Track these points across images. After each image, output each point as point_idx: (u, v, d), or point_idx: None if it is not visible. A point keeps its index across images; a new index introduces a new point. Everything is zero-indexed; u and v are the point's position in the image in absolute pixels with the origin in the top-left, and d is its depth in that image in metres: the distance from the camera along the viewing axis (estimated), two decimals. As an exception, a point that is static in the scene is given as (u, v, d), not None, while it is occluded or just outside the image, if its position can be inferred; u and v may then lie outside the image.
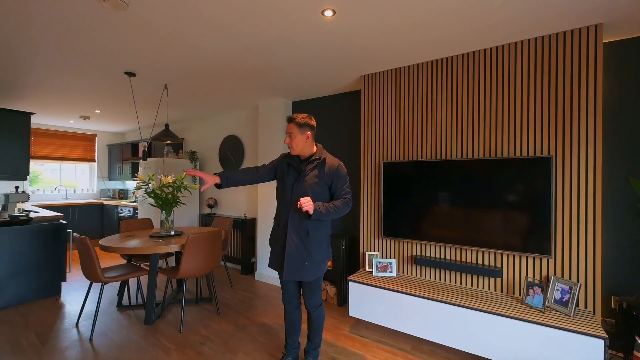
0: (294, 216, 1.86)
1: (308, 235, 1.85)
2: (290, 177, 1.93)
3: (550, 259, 2.10)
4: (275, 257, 1.96)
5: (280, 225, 1.94)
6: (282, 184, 1.97)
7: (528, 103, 2.21)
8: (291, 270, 1.86)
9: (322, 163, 1.90)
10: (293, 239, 1.86)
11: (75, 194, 6.25)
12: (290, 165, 1.96)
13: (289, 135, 1.89)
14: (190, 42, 2.30)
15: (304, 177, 1.88)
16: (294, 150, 1.91)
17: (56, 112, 4.71)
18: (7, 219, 3.19)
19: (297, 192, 1.86)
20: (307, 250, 1.86)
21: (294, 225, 1.86)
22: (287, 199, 1.90)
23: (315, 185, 1.86)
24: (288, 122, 1.90)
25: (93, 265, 2.50)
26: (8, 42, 2.30)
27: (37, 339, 2.48)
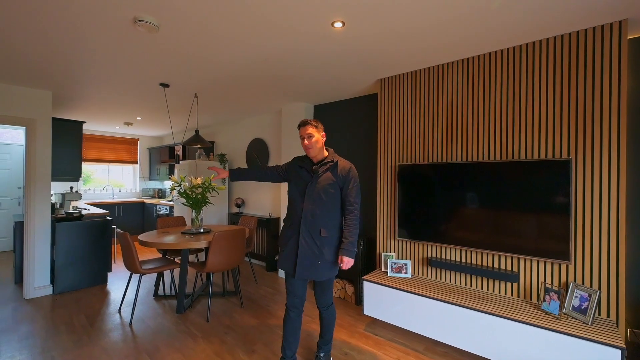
0: (307, 216, 1.89)
1: (321, 236, 1.88)
2: (303, 179, 1.96)
3: (570, 264, 2.03)
4: (287, 257, 1.95)
5: (292, 226, 1.96)
6: (294, 186, 2.00)
7: (547, 104, 2.15)
8: (303, 269, 1.88)
9: (335, 166, 1.94)
10: (306, 238, 1.88)
11: (121, 193, 6.87)
12: (303, 168, 2.00)
13: (307, 137, 1.92)
14: (214, 56, 2.51)
15: (317, 179, 1.92)
16: (313, 151, 1.94)
17: (104, 120, 5.24)
18: (64, 215, 3.65)
19: (310, 194, 1.90)
20: (320, 250, 1.89)
21: (306, 226, 1.88)
22: (300, 200, 1.93)
23: (329, 187, 1.89)
24: (303, 126, 1.94)
25: (132, 258, 2.81)
26: (66, 62, 2.66)
27: (86, 320, 2.83)
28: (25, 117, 3.34)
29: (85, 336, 2.55)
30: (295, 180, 2.01)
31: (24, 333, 2.60)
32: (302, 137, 1.94)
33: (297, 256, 1.90)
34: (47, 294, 3.45)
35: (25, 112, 3.35)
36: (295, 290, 1.96)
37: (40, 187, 3.42)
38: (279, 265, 2.00)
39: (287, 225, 2.01)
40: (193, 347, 2.39)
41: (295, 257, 1.91)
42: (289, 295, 1.97)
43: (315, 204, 1.89)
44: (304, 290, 1.98)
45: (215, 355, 2.29)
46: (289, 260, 1.94)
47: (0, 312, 2.99)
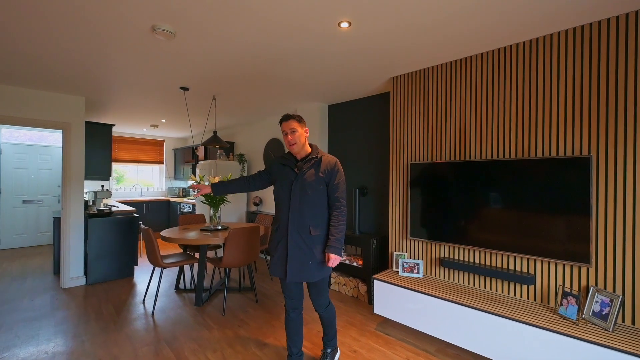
0: (294, 216, 1.83)
1: (310, 234, 1.83)
2: (288, 178, 1.89)
3: (590, 267, 1.93)
4: (277, 262, 1.88)
5: (280, 228, 1.89)
6: (279, 185, 1.93)
7: (565, 98, 2.05)
8: (295, 271, 1.82)
9: (319, 161, 1.88)
10: (295, 239, 1.82)
11: (148, 191, 7.26)
12: (286, 166, 1.93)
13: (290, 132, 1.85)
14: (228, 59, 2.61)
15: (303, 175, 1.85)
16: (297, 147, 1.87)
17: (132, 123, 5.57)
18: (95, 212, 3.92)
19: (297, 192, 1.84)
20: (310, 249, 1.83)
21: (294, 225, 1.82)
22: (287, 199, 1.87)
23: (315, 183, 1.84)
24: (286, 120, 1.87)
25: (154, 252, 2.98)
26: (96, 70, 2.87)
27: (113, 309, 3.04)
28: (62, 120, 3.63)
29: (112, 324, 2.74)
30: (279, 179, 1.94)
31: (59, 319, 2.84)
32: (285, 133, 1.87)
33: (287, 261, 1.83)
34: (80, 284, 3.73)
35: (62, 117, 3.64)
36: (291, 292, 1.93)
37: (75, 185, 3.70)
38: (270, 272, 1.93)
39: (274, 229, 1.94)
40: (208, 338, 2.51)
41: (286, 260, 1.84)
42: (287, 298, 1.95)
43: (302, 202, 1.83)
44: (300, 290, 1.96)
45: (228, 347, 2.38)
46: (280, 265, 1.87)
47: (40, 300, 3.27)
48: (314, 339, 2.50)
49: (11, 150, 5.46)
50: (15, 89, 3.37)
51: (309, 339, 2.51)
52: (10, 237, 5.45)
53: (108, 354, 2.27)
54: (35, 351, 2.31)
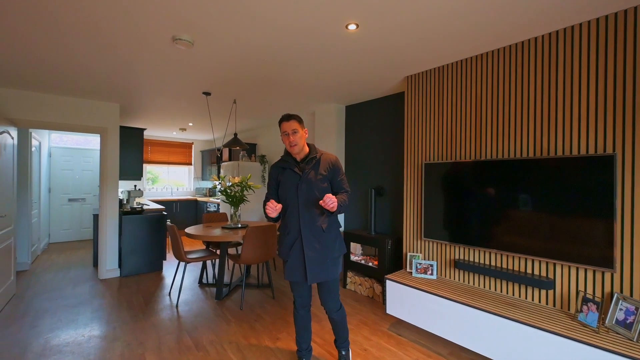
0: (306, 217, 1.81)
1: (324, 232, 1.82)
2: (291, 180, 1.86)
3: (615, 273, 1.81)
4: (294, 267, 1.85)
5: (291, 233, 1.86)
6: (284, 189, 1.89)
7: (588, 93, 1.94)
8: (315, 273, 1.81)
9: (319, 160, 1.88)
10: (309, 240, 1.81)
11: (178, 191, 7.68)
12: (287, 169, 1.90)
13: (292, 132, 1.81)
14: (244, 63, 2.73)
15: (306, 176, 1.83)
16: (298, 147, 1.84)
17: (162, 126, 5.93)
18: (129, 210, 4.24)
19: (302, 193, 1.82)
20: (326, 247, 1.83)
21: (307, 227, 1.81)
22: (294, 202, 1.83)
23: (319, 182, 1.83)
24: (287, 120, 1.83)
25: (178, 248, 3.18)
26: (128, 78, 3.12)
27: (142, 300, 3.28)
28: (100, 125, 3.97)
29: (141, 313, 2.97)
30: (283, 183, 1.90)
31: (95, 306, 3.11)
32: (286, 133, 1.83)
33: (305, 263, 1.81)
34: (115, 276, 4.05)
35: (100, 122, 3.98)
36: (302, 292, 1.96)
37: (111, 185, 4.03)
38: (286, 277, 1.88)
39: (284, 233, 1.90)
40: (226, 330, 2.64)
41: (304, 264, 1.82)
42: (297, 297, 1.97)
43: (310, 202, 1.82)
44: (310, 289, 1.99)
45: (243, 339, 2.50)
46: (298, 270, 1.84)
47: (81, 288, 3.60)
48: (326, 336, 2.55)
49: (59, 153, 6.03)
50: (62, 98, 3.74)
51: (321, 336, 2.56)
52: (58, 232, 6.02)
53: (135, 340, 2.47)
54: (73, 334, 2.56)
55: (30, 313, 2.94)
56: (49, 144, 5.90)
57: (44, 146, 5.57)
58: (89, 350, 2.32)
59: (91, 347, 2.36)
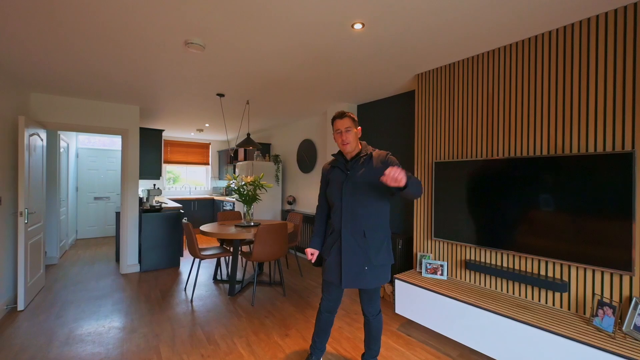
0: (348, 219, 1.72)
1: (364, 237, 1.70)
2: (337, 179, 1.80)
3: (633, 276, 1.72)
4: (331, 267, 1.78)
5: (334, 232, 1.80)
6: (330, 188, 1.85)
7: (605, 88, 1.85)
8: (350, 278, 1.71)
9: (370, 157, 1.77)
10: (349, 242, 1.71)
11: (196, 190, 7.91)
12: (336, 167, 1.84)
13: (345, 130, 1.74)
14: (254, 65, 2.79)
15: (354, 175, 1.74)
16: (350, 146, 1.76)
17: (180, 127, 6.14)
18: (148, 208, 4.42)
19: (348, 193, 1.73)
20: (365, 253, 1.70)
21: (347, 228, 1.72)
22: (338, 202, 1.77)
23: (368, 181, 1.71)
24: (341, 118, 1.76)
25: (193, 245, 3.29)
26: (146, 83, 3.27)
27: (160, 294, 3.42)
28: (121, 127, 4.17)
29: (157, 306, 3.10)
30: (330, 182, 1.86)
31: (116, 299, 3.28)
32: (339, 131, 1.76)
33: (341, 265, 1.72)
34: (135, 271, 4.24)
35: (121, 124, 4.18)
36: (331, 294, 1.87)
37: (131, 184, 4.22)
38: (324, 277, 1.84)
39: (328, 233, 1.87)
40: (236, 325, 2.71)
41: (340, 265, 1.73)
42: (325, 298, 1.89)
43: (355, 202, 1.71)
44: (340, 294, 1.88)
45: (252, 334, 2.56)
46: (334, 270, 1.77)
47: (104, 282, 3.80)
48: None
49: (86, 154, 6.36)
50: (86, 101, 3.96)
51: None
52: (85, 229, 6.35)
53: (151, 332, 2.58)
54: (95, 324, 2.71)
55: (57, 304, 3.13)
56: (77, 145, 6.24)
57: (72, 147, 5.89)
58: (108, 340, 2.45)
59: (110, 338, 2.49)
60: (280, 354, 2.28)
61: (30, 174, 3.13)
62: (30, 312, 2.94)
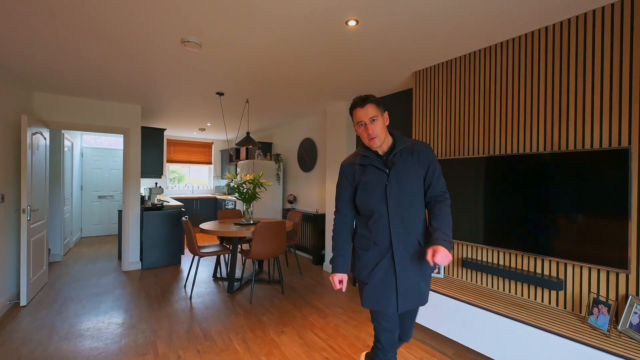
0: (398, 228, 1.38)
1: (420, 247, 1.40)
2: (378, 180, 1.41)
3: (629, 274, 1.70)
4: (379, 291, 1.40)
5: (376, 247, 1.42)
6: (365, 192, 1.43)
7: (602, 84, 1.83)
8: (409, 298, 1.39)
9: (410, 150, 1.42)
10: (403, 257, 1.38)
11: (199, 189, 7.97)
12: (370, 166, 1.44)
13: (370, 121, 1.37)
14: (251, 64, 2.81)
15: (398, 173, 1.39)
16: (378, 140, 1.39)
17: (182, 127, 6.19)
18: (150, 206, 4.47)
19: (393, 196, 1.38)
20: (421, 266, 1.41)
21: (399, 240, 1.37)
22: (382, 208, 1.39)
23: (413, 179, 1.39)
24: (361, 105, 1.38)
25: (192, 242, 3.31)
26: (147, 82, 3.30)
27: (160, 291, 3.46)
28: (123, 126, 4.22)
29: (157, 303, 3.13)
30: (364, 185, 1.44)
31: (117, 296, 3.32)
32: (362, 123, 1.39)
33: (396, 286, 1.39)
34: (137, 268, 4.29)
35: (123, 123, 4.23)
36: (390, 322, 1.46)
37: (133, 183, 4.27)
38: (366, 305, 1.43)
39: (364, 247, 1.46)
40: (234, 322, 2.73)
41: (395, 287, 1.39)
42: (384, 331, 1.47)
43: (402, 207, 1.38)
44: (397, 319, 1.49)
45: (249, 330, 2.57)
46: (385, 294, 1.40)
47: (105, 279, 3.85)
48: (330, 332, 2.57)
49: (90, 153, 6.45)
50: (88, 101, 4.01)
51: (325, 331, 2.58)
52: (89, 227, 6.44)
53: (149, 328, 2.61)
54: (95, 320, 2.75)
55: (59, 300, 3.18)
56: (81, 145, 6.33)
57: (77, 146, 5.98)
58: (107, 335, 2.49)
59: (109, 333, 2.52)
60: (275, 350, 2.29)
61: (33, 172, 3.19)
62: (33, 308, 2.99)
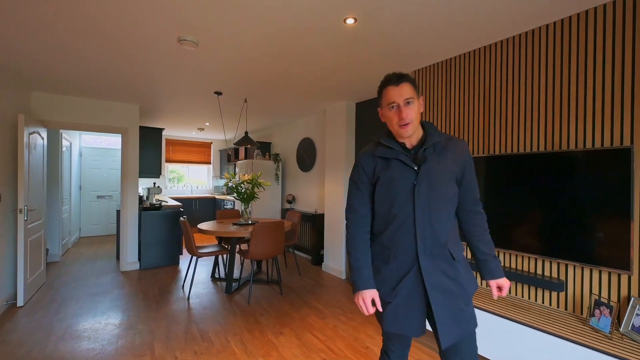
0: (427, 236, 1.13)
1: (454, 259, 1.15)
2: (401, 178, 1.15)
3: (632, 275, 1.67)
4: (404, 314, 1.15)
5: (398, 259, 1.17)
6: (387, 192, 1.17)
7: (603, 81, 1.80)
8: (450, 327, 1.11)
9: (443, 145, 1.17)
10: (434, 272, 1.13)
11: (198, 189, 7.95)
12: (395, 160, 1.17)
13: (405, 103, 1.11)
14: (249, 62, 2.79)
15: (428, 173, 1.13)
16: (411, 127, 1.13)
17: (181, 126, 6.17)
18: (148, 206, 4.45)
19: (422, 198, 1.13)
20: (459, 283, 1.14)
21: (428, 251, 1.13)
22: (408, 210, 1.14)
23: (447, 180, 1.15)
24: (395, 83, 1.12)
25: (190, 242, 3.29)
26: (146, 81, 3.28)
27: (157, 292, 3.44)
28: (121, 126, 4.20)
29: (154, 303, 3.11)
30: (386, 183, 1.17)
31: (114, 296, 3.30)
32: (394, 105, 1.13)
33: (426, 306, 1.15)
34: (135, 268, 4.27)
35: (121, 122, 4.21)
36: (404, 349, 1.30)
37: (131, 182, 4.25)
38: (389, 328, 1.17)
39: (383, 258, 1.20)
40: (232, 322, 2.71)
41: (422, 308, 1.15)
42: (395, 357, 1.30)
43: (432, 213, 1.13)
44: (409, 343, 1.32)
45: (246, 331, 2.55)
46: (411, 317, 1.15)
47: (103, 279, 3.83)
48: (328, 332, 2.54)
49: (89, 153, 6.43)
50: (86, 100, 3.99)
51: (324, 332, 2.56)
52: (88, 227, 6.43)
53: (147, 328, 2.59)
54: (92, 321, 2.73)
55: (56, 300, 3.16)
56: (80, 145, 6.31)
57: (75, 146, 5.96)
58: (103, 336, 2.47)
59: (106, 334, 2.50)
60: (273, 352, 2.27)
61: (30, 172, 3.17)
62: (30, 308, 2.97)
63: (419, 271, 1.14)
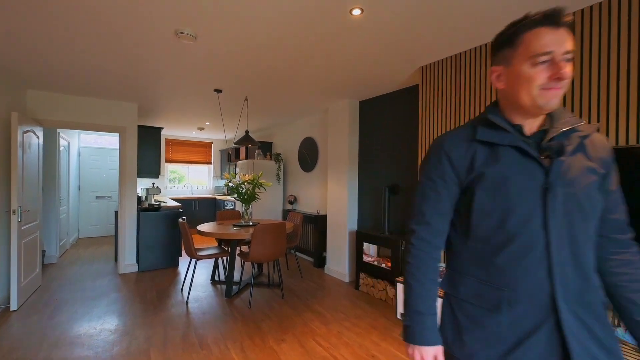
0: (569, 271, 0.72)
1: (603, 309, 0.76)
2: (520, 177, 0.75)
3: None
4: None
5: (517, 307, 0.74)
6: (497, 198, 0.76)
7: (628, 75, 1.69)
8: None
9: (584, 139, 0.79)
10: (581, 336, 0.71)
11: (198, 190, 7.85)
12: (504, 148, 0.78)
13: (563, 57, 0.70)
14: (250, 58, 2.68)
15: (566, 171, 0.75)
16: (559, 99, 0.73)
17: (180, 126, 6.07)
18: (147, 207, 4.35)
19: (558, 211, 0.73)
20: (607, 345, 0.72)
21: (571, 295, 0.72)
22: (535, 233, 0.73)
23: (593, 185, 0.76)
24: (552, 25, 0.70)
25: (189, 244, 3.19)
26: (143, 79, 3.19)
27: (156, 295, 3.34)
28: (119, 125, 4.10)
29: (152, 308, 3.01)
30: (495, 183, 0.77)
31: (111, 299, 3.20)
32: (548, 54, 0.70)
33: None
34: (133, 270, 4.17)
35: (119, 121, 4.11)
36: None
37: (129, 183, 4.15)
38: None
39: (485, 302, 0.78)
40: (232, 328, 2.60)
41: None
42: None
43: (575, 235, 0.74)
44: None
45: (247, 338, 2.45)
46: None
47: (100, 282, 3.73)
48: (332, 340, 2.44)
49: (88, 153, 6.34)
50: (83, 98, 3.90)
51: (327, 339, 2.45)
52: (87, 228, 6.34)
53: (143, 334, 2.49)
54: (87, 326, 2.63)
55: (51, 304, 3.07)
56: (79, 144, 6.23)
57: (73, 146, 5.87)
58: (98, 342, 2.37)
59: (100, 340, 2.40)
60: (274, 360, 2.16)
61: (25, 172, 3.07)
62: (24, 312, 2.88)
63: (556, 331, 0.71)
